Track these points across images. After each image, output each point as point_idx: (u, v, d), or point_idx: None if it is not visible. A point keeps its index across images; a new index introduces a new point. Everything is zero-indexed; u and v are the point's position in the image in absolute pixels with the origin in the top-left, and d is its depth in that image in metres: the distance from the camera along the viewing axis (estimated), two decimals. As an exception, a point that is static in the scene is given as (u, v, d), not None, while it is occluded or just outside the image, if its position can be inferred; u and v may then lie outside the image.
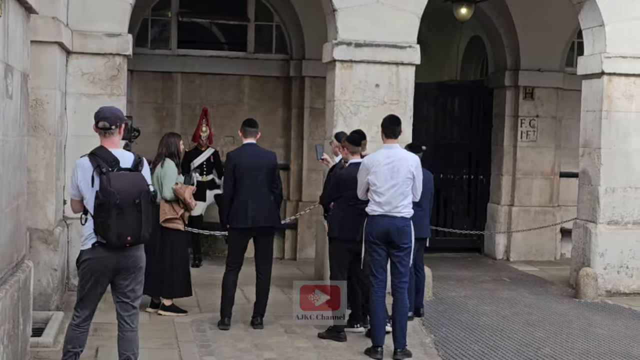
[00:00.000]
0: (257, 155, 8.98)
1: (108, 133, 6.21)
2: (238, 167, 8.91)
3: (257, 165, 8.90)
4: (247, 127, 9.08)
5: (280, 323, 9.23)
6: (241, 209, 8.87)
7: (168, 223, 9.29)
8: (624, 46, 11.37)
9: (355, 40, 10.77)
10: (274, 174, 9.00)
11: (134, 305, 6.35)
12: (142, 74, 13.73)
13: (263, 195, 8.90)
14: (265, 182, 8.93)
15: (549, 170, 14.68)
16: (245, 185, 8.87)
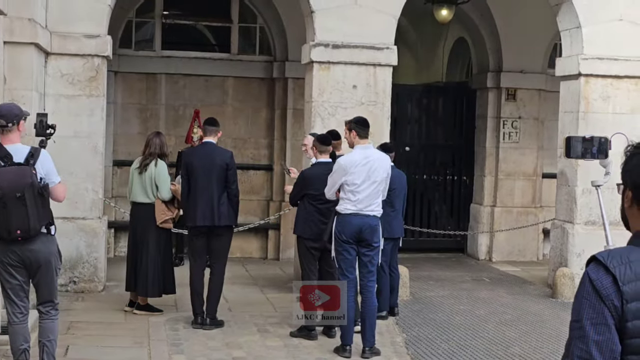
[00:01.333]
0: (211, 154, 8.98)
1: (5, 130, 6.25)
2: (190, 165, 8.99)
3: (210, 164, 8.91)
4: (207, 125, 9.18)
5: (255, 322, 9.29)
6: (193, 208, 8.92)
7: (164, 223, 9.39)
8: (601, 48, 11.42)
9: (332, 42, 10.82)
10: (227, 174, 8.97)
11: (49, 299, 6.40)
12: (126, 75, 13.78)
13: (215, 194, 8.89)
14: (218, 181, 8.92)
15: (531, 171, 14.73)
16: (198, 184, 8.91)
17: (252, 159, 14.22)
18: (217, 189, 8.91)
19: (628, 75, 11.43)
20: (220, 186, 8.93)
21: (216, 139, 9.16)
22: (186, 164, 9.12)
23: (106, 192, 12.41)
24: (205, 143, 9.24)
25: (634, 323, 2.68)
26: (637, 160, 2.81)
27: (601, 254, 2.75)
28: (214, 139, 9.14)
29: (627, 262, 2.70)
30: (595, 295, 2.70)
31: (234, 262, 12.80)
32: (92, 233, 10.44)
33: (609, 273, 2.69)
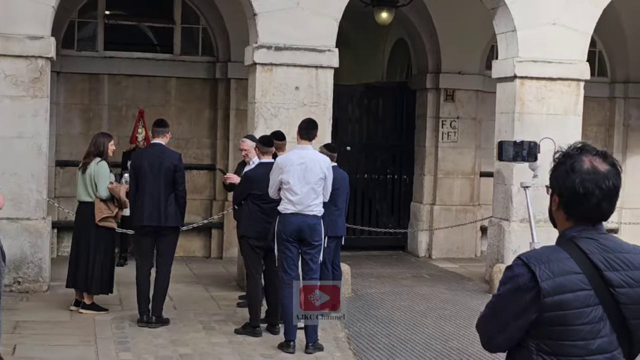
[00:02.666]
0: (159, 156, 9.15)
1: None
2: (137, 166, 9.17)
3: (158, 165, 9.08)
4: (155, 127, 9.37)
5: (200, 320, 9.48)
6: (140, 207, 9.11)
7: (104, 222, 9.49)
8: (535, 51, 11.81)
9: (275, 44, 11.03)
10: (175, 175, 9.14)
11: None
12: (68, 76, 13.81)
13: (163, 195, 9.06)
14: (165, 183, 9.08)
15: (469, 170, 15.11)
16: (146, 184, 9.07)
17: (195, 158, 14.36)
18: (164, 190, 9.08)
19: (561, 78, 11.85)
20: (167, 187, 9.09)
21: (165, 140, 9.33)
22: (134, 165, 9.29)
23: (49, 192, 12.44)
24: (154, 144, 9.42)
25: (549, 314, 3.02)
26: (563, 169, 3.13)
27: (524, 254, 3.11)
28: (162, 140, 9.30)
29: (547, 261, 3.04)
30: (516, 288, 3.05)
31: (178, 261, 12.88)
32: (36, 233, 10.52)
33: (529, 271, 3.03)
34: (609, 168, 3.10)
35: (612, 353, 3.05)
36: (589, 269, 3.03)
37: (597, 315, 3.02)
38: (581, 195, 3.06)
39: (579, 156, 3.11)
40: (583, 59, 12.00)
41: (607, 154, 3.16)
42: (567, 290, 3.00)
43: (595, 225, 3.13)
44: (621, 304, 3.03)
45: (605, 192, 3.07)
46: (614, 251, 3.07)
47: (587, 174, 3.06)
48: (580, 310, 3.00)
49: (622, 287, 3.03)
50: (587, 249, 3.05)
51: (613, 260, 3.05)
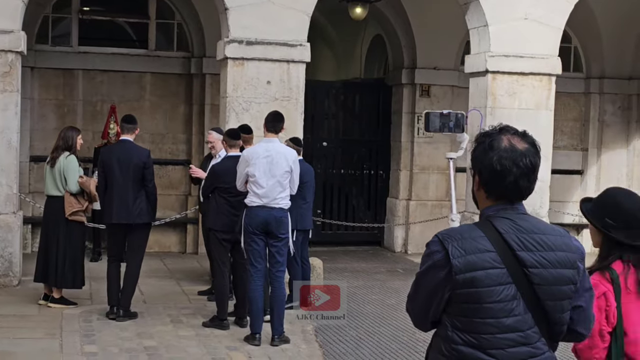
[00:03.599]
0: (128, 153, 9.16)
1: None
2: (106, 163, 9.18)
3: (127, 162, 9.09)
4: (123, 123, 9.39)
5: (168, 313, 9.50)
6: (109, 205, 9.15)
7: (74, 216, 9.48)
8: (507, 46, 11.84)
9: (246, 39, 11.03)
10: (144, 172, 9.15)
11: None
12: (43, 71, 13.79)
13: (130, 191, 9.08)
14: (134, 180, 9.10)
15: (444, 166, 15.06)
16: (114, 181, 9.11)
17: (170, 154, 14.36)
18: (133, 186, 9.09)
19: (533, 72, 11.88)
20: (136, 184, 9.11)
21: (133, 137, 9.35)
22: (103, 161, 9.30)
23: (23, 188, 12.46)
24: (122, 141, 9.43)
25: (461, 291, 3.07)
26: (482, 149, 3.18)
27: (441, 232, 3.16)
28: (131, 137, 9.32)
29: (460, 239, 3.08)
30: (431, 265, 3.09)
31: (152, 257, 12.96)
32: (6, 228, 10.49)
33: (443, 248, 3.08)
34: (527, 146, 3.14)
35: (525, 332, 3.08)
36: (502, 248, 3.06)
37: (510, 293, 3.05)
38: (498, 172, 3.10)
39: (498, 135, 3.16)
40: (555, 53, 12.04)
41: (527, 134, 3.19)
42: (478, 268, 3.03)
43: (515, 204, 3.16)
44: (534, 284, 3.07)
45: (523, 169, 3.10)
46: (528, 232, 3.11)
47: (504, 151, 3.10)
48: (492, 288, 3.03)
49: (535, 267, 3.07)
50: (502, 228, 3.09)
51: (527, 241, 3.08)
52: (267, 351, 8.16)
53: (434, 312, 3.16)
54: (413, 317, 3.29)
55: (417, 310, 3.23)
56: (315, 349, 8.36)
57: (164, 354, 7.90)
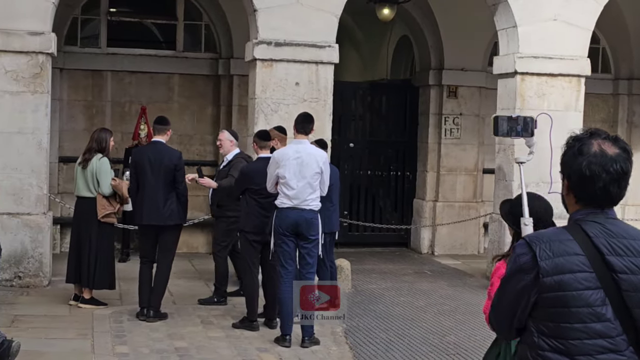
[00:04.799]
0: (160, 154, 9.16)
1: None
2: (138, 164, 9.22)
3: (158, 164, 9.10)
4: (155, 124, 9.39)
5: (198, 314, 9.50)
6: (140, 206, 9.20)
7: (106, 218, 9.54)
8: (536, 47, 11.78)
9: (275, 40, 11.03)
10: (175, 174, 9.15)
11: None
12: (72, 72, 13.86)
13: (161, 193, 9.09)
14: (165, 181, 9.12)
15: (472, 167, 15.09)
16: (146, 182, 9.13)
17: (198, 155, 14.39)
18: (164, 188, 9.12)
19: (562, 74, 11.80)
20: (167, 185, 9.13)
21: (166, 138, 9.35)
22: (135, 162, 9.35)
23: (52, 188, 12.51)
24: (154, 142, 9.44)
25: (548, 295, 3.02)
26: (572, 152, 3.12)
27: (529, 234, 3.15)
28: (163, 138, 9.33)
29: (548, 241, 3.05)
30: (518, 268, 3.08)
31: (181, 257, 12.93)
32: (37, 228, 10.54)
33: (531, 250, 3.05)
34: (618, 152, 3.08)
35: (614, 339, 3.01)
36: (591, 252, 3.01)
37: (598, 298, 2.99)
38: (588, 177, 3.05)
39: (588, 139, 3.10)
40: (584, 54, 11.96)
41: (619, 138, 3.13)
42: (566, 271, 2.99)
43: (604, 209, 3.11)
44: (623, 291, 3.00)
45: (613, 175, 3.05)
46: (618, 236, 3.05)
47: (594, 156, 3.05)
48: (580, 292, 2.98)
49: (625, 272, 3.00)
50: (591, 232, 3.05)
51: (617, 245, 3.03)
52: (298, 353, 8.14)
53: (520, 318, 3.10)
54: (497, 325, 3.24)
55: (502, 317, 3.17)
56: (345, 351, 8.33)
57: (195, 355, 7.90)
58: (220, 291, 10.16)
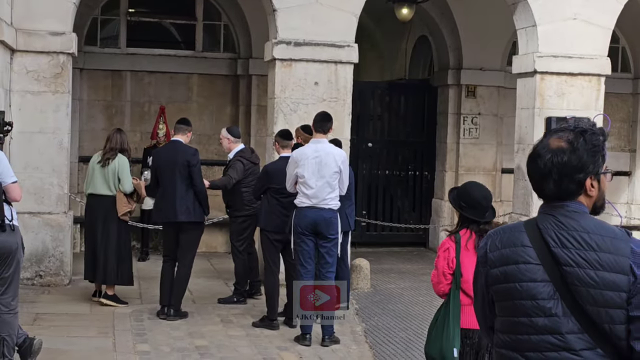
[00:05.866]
0: (175, 152, 9.26)
1: None
2: (155, 162, 9.40)
3: (173, 161, 9.20)
4: (177, 124, 9.49)
5: (218, 313, 9.54)
6: (158, 204, 9.37)
7: (124, 215, 9.70)
8: (555, 46, 11.75)
9: (294, 40, 11.05)
10: (189, 171, 9.19)
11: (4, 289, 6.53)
12: (91, 72, 13.93)
13: (177, 191, 9.16)
14: (181, 179, 9.18)
15: (490, 167, 15.07)
16: (163, 180, 9.26)
17: (216, 154, 14.41)
18: (180, 186, 9.17)
19: (582, 73, 11.77)
20: (184, 183, 9.19)
21: (186, 139, 9.43)
22: (154, 161, 9.56)
23: (72, 188, 12.57)
24: (173, 141, 9.57)
25: (497, 287, 3.01)
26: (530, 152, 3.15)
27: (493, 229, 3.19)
28: (182, 138, 9.41)
29: (502, 233, 3.04)
30: (478, 260, 3.14)
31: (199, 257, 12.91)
32: (57, 227, 10.61)
33: (485, 243, 3.08)
34: (560, 146, 2.97)
35: (563, 335, 2.87)
36: (539, 244, 2.92)
37: (545, 291, 2.89)
38: (528, 174, 3.07)
39: (546, 136, 3.05)
40: (604, 54, 11.92)
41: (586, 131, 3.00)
42: (511, 262, 2.94)
43: (565, 202, 2.98)
44: (569, 285, 2.87)
45: (543, 170, 2.98)
46: (569, 229, 2.92)
47: (531, 152, 3.04)
48: (523, 284, 2.91)
49: (569, 265, 2.87)
50: (542, 224, 2.96)
51: (566, 238, 2.90)
52: (318, 352, 8.17)
53: (488, 315, 3.08)
54: (479, 325, 3.23)
55: (478, 315, 3.17)
56: (365, 350, 8.35)
57: (216, 354, 7.94)
58: (239, 291, 10.19)
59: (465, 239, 5.18)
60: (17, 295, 6.73)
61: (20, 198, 6.71)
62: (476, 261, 3.14)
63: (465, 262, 5.15)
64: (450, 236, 5.26)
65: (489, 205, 5.25)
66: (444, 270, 5.22)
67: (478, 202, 5.20)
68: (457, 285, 5.23)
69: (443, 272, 5.22)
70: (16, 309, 6.71)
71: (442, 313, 5.39)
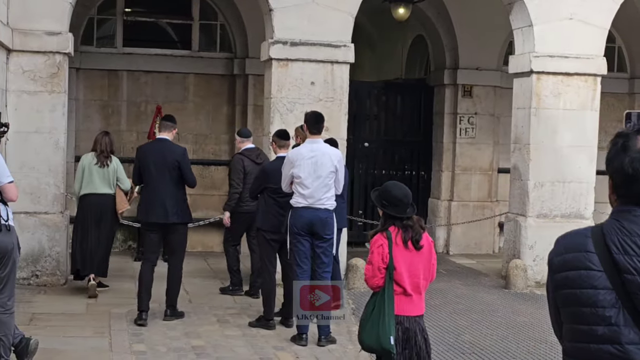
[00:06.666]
0: (163, 151, 9.04)
1: None
2: (142, 162, 9.12)
3: (162, 160, 8.99)
4: (163, 121, 9.41)
5: (214, 313, 9.55)
6: (145, 204, 9.16)
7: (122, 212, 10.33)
8: (552, 46, 11.77)
9: (291, 39, 11.07)
10: (179, 171, 9.01)
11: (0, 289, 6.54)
12: (88, 72, 13.95)
13: (167, 191, 8.96)
14: (170, 178, 8.98)
15: (487, 166, 15.09)
16: (150, 180, 9.06)
17: (213, 154, 14.45)
18: (169, 186, 8.99)
19: (578, 73, 11.81)
20: (173, 183, 9.00)
21: (171, 136, 9.25)
22: (139, 160, 9.25)
23: (68, 188, 12.54)
24: (159, 140, 9.37)
25: (559, 292, 2.88)
26: (615, 150, 2.89)
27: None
28: (168, 136, 9.21)
29: (568, 237, 2.90)
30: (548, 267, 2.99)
31: (196, 256, 13.04)
32: (54, 227, 10.62)
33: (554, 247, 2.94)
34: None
35: (624, 346, 2.73)
36: (602, 250, 2.78)
37: (606, 300, 2.76)
38: (630, 176, 2.81)
39: (635, 135, 2.85)
40: (600, 53, 11.95)
41: None
42: (572, 268, 2.80)
43: (633, 207, 2.83)
44: (631, 293, 2.73)
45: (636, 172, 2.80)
46: (632, 235, 2.76)
47: (638, 153, 2.80)
48: (583, 291, 2.78)
49: (630, 273, 2.73)
50: (607, 229, 2.81)
51: (627, 244, 2.75)
52: (314, 351, 8.18)
53: (559, 321, 2.94)
54: (555, 333, 3.07)
55: (552, 322, 3.03)
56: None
57: (212, 354, 7.94)
58: (233, 280, 10.71)
59: (395, 234, 5.52)
60: (14, 295, 6.74)
61: (16, 198, 6.72)
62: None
63: (397, 256, 5.51)
64: (381, 233, 5.58)
65: (409, 203, 5.60)
66: (379, 265, 5.52)
67: (399, 200, 5.53)
68: (390, 277, 5.55)
69: (378, 267, 5.52)
70: (12, 309, 6.72)
71: (376, 304, 5.64)
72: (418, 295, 5.74)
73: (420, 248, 5.59)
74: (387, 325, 5.53)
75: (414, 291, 5.70)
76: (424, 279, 5.72)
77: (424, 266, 5.69)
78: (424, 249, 5.64)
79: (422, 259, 5.66)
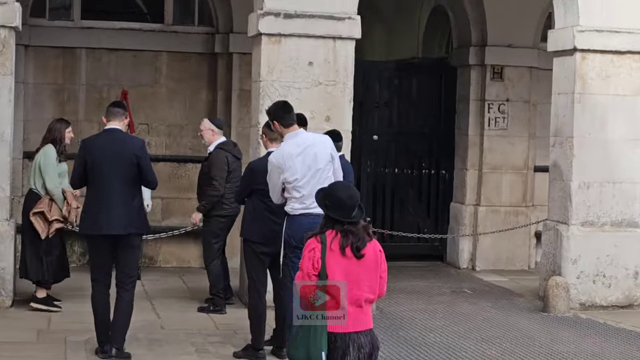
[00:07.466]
0: (117, 145, 8.61)
1: None
2: (89, 158, 8.60)
3: (114, 157, 8.54)
4: (110, 107, 8.92)
5: (192, 341, 9.51)
6: (90, 212, 8.63)
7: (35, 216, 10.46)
8: (600, 18, 11.75)
9: (284, 10, 11.02)
10: (139, 168, 8.58)
11: None
12: (39, 50, 13.94)
13: (121, 194, 8.54)
14: (125, 178, 8.55)
15: (521, 164, 15.09)
16: (98, 181, 8.56)
17: (190, 149, 14.44)
18: (123, 188, 8.59)
19: (631, 51, 11.79)
20: (127, 184, 8.60)
21: (123, 126, 8.88)
22: (84, 157, 8.68)
23: (15, 190, 12.52)
24: (109, 130, 8.80)
25: None
26: None
27: None
28: (119, 125, 8.78)
29: None
30: None
31: (169, 273, 13.06)
32: (-3, 238, 10.61)
33: None
34: None
35: None
36: None
37: None
38: None
39: None
40: (658, 27, 11.95)
41: None
42: None
43: None
44: None
45: None
46: None
47: None
48: None
49: None
50: None
51: None
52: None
53: None
54: None
55: None
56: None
57: (189, 391, 7.93)
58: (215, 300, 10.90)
59: (330, 239, 5.70)
60: None
61: None
62: None
63: (331, 264, 5.66)
64: (315, 236, 5.77)
65: (355, 205, 5.81)
66: (309, 272, 5.69)
67: (343, 202, 5.75)
68: None
69: (308, 273, 5.70)
70: None
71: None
72: (358, 309, 5.78)
73: (361, 257, 5.70)
74: (319, 340, 5.71)
75: (353, 304, 5.75)
76: (369, 292, 5.79)
77: (369, 278, 5.76)
78: (367, 259, 5.73)
79: (364, 270, 5.73)
